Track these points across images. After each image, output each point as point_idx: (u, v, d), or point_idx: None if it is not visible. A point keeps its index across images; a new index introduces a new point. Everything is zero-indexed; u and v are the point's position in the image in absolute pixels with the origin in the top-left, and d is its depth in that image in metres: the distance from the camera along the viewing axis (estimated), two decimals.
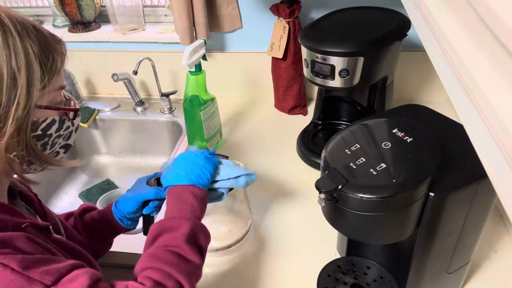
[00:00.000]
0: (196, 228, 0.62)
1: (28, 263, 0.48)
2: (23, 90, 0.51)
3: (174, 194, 0.66)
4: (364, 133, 0.65)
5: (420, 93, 1.32)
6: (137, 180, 0.79)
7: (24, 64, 0.51)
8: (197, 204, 0.65)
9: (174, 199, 0.66)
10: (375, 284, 0.74)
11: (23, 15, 0.56)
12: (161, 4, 1.42)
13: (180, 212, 0.64)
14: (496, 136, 0.21)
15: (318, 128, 1.18)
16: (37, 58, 0.53)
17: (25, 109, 0.51)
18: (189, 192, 0.66)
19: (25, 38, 0.52)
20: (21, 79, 0.51)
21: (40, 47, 0.54)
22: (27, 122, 0.53)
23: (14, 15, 0.53)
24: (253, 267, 0.83)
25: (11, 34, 0.51)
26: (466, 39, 0.26)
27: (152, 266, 0.56)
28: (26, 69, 0.51)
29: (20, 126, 0.52)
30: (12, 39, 0.51)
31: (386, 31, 0.92)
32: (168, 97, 1.35)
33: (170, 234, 0.60)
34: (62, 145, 0.63)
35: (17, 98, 0.51)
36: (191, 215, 0.63)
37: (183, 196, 0.65)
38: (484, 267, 0.79)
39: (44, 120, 0.57)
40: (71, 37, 1.41)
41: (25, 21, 0.54)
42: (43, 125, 0.57)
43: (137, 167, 1.42)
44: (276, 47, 1.20)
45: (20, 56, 0.51)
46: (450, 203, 0.57)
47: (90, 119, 1.37)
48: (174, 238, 0.60)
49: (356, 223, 0.61)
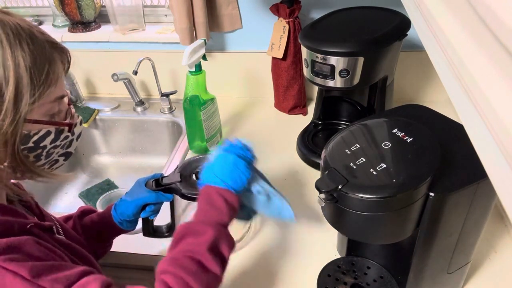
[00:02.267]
0: (220, 236, 0.59)
1: (38, 270, 0.48)
2: (9, 104, 0.49)
3: (205, 195, 0.63)
4: (364, 133, 0.65)
5: (420, 93, 1.32)
6: (136, 182, 0.78)
7: (13, 77, 0.49)
8: (226, 209, 0.61)
9: (205, 200, 0.63)
10: (375, 284, 0.74)
11: (23, 20, 0.53)
12: (161, 4, 1.42)
13: (207, 217, 0.61)
14: (496, 136, 0.21)
15: (318, 128, 1.18)
16: (28, 71, 0.50)
17: (11, 124, 0.50)
18: (220, 195, 0.62)
19: (16, 49, 0.50)
20: (9, 93, 0.49)
21: (34, 59, 0.51)
22: (15, 136, 0.51)
23: (10, 23, 0.51)
24: (253, 267, 0.83)
25: (1, 45, 0.49)
26: (466, 39, 0.26)
27: (171, 271, 0.54)
28: (14, 83, 0.49)
29: (7, 140, 0.50)
30: (2, 51, 0.49)
31: (386, 31, 0.92)
32: (168, 97, 1.35)
33: (194, 239, 0.58)
34: (61, 154, 0.61)
35: (3, 112, 0.49)
36: (217, 221, 0.60)
37: (214, 199, 0.62)
38: (484, 267, 0.79)
39: (37, 133, 0.55)
40: (71, 37, 1.41)
41: (21, 29, 0.51)
42: (35, 138, 0.55)
43: (137, 167, 1.42)
44: (276, 47, 1.20)
45: (9, 69, 0.49)
46: (450, 203, 0.57)
47: (90, 119, 1.37)
48: (197, 244, 0.57)
49: (356, 223, 0.61)
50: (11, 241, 0.49)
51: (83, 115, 1.35)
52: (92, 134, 1.42)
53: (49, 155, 0.59)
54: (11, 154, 0.52)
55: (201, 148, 1.15)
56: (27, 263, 0.48)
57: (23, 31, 0.51)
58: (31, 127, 0.54)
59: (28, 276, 0.46)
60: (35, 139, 0.55)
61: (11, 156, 0.52)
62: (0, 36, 0.49)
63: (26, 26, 0.53)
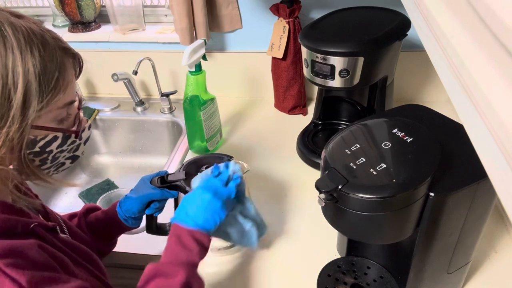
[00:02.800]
0: (192, 276, 0.59)
1: (37, 282, 0.47)
2: (17, 111, 0.48)
3: (176, 236, 0.62)
4: (364, 133, 0.65)
5: (420, 93, 1.32)
6: (141, 179, 0.79)
7: (22, 84, 0.48)
8: (197, 249, 0.61)
9: (175, 241, 0.62)
10: (375, 284, 0.74)
11: (36, 23, 0.52)
12: (161, 4, 1.42)
13: (178, 257, 0.60)
14: (496, 136, 0.21)
15: (318, 128, 1.18)
16: (37, 78, 0.50)
17: (18, 130, 0.49)
18: (191, 236, 0.61)
19: (27, 55, 0.49)
20: (17, 99, 0.48)
21: (44, 66, 0.51)
22: (21, 142, 0.50)
23: (22, 27, 0.50)
24: (253, 267, 0.83)
25: (12, 51, 0.48)
26: (466, 39, 0.26)
27: None
28: (23, 90, 0.48)
29: (13, 146, 0.50)
30: (13, 57, 0.48)
31: (386, 31, 0.92)
32: (168, 97, 1.35)
33: (165, 281, 0.58)
34: (68, 157, 0.61)
35: (10, 119, 0.48)
36: (188, 261, 0.60)
37: (184, 240, 0.61)
38: (484, 267, 0.79)
39: (43, 138, 0.55)
40: (71, 37, 1.41)
41: (33, 34, 0.50)
42: (41, 143, 0.55)
43: (137, 167, 1.42)
44: (276, 47, 1.20)
45: (18, 75, 0.48)
46: (450, 203, 0.57)
47: (90, 119, 1.37)
48: (169, 285, 0.57)
49: (356, 223, 0.61)
50: (14, 245, 0.49)
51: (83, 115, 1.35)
52: (92, 134, 1.42)
53: (55, 159, 0.58)
54: (17, 158, 0.51)
55: (201, 148, 1.15)
56: (27, 271, 0.47)
57: (35, 37, 0.50)
58: (37, 133, 0.54)
59: (26, 285, 0.46)
60: (41, 144, 0.55)
61: (16, 160, 0.52)
62: (11, 42, 0.48)
63: (38, 31, 0.52)
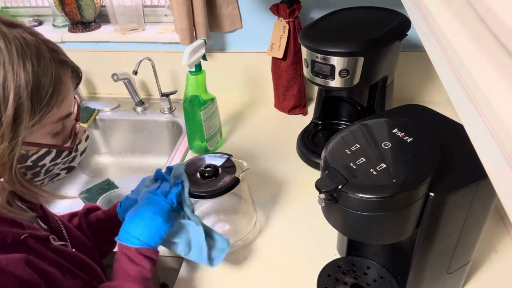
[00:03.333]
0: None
1: None
2: (7, 129, 0.46)
3: (124, 254, 0.64)
4: (364, 133, 0.65)
5: (420, 93, 1.32)
6: (141, 180, 0.79)
7: (12, 101, 0.45)
8: (148, 264, 0.64)
9: (124, 260, 0.64)
10: (375, 284, 0.74)
11: (32, 33, 0.49)
12: (161, 4, 1.42)
13: (131, 274, 0.62)
14: (496, 136, 0.21)
15: (318, 128, 1.18)
16: (29, 95, 0.47)
17: (9, 148, 0.47)
18: (139, 253, 0.64)
19: (19, 69, 0.46)
20: (7, 117, 0.45)
21: (37, 81, 0.47)
22: (12, 159, 0.48)
23: (16, 39, 0.46)
24: (254, 266, 0.83)
25: (4, 66, 0.45)
26: (466, 39, 0.26)
27: None
28: (13, 106, 0.45)
29: (4, 163, 0.48)
30: (3, 72, 0.45)
31: (386, 31, 0.92)
32: (168, 97, 1.35)
33: None
34: (63, 168, 0.59)
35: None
36: (141, 276, 0.62)
37: (133, 258, 0.64)
38: (484, 267, 0.79)
39: (36, 152, 0.53)
40: (71, 37, 1.41)
41: (27, 47, 0.47)
42: (33, 157, 0.53)
43: (137, 167, 1.42)
44: (276, 47, 1.20)
45: (9, 91, 0.45)
46: (450, 203, 0.57)
47: (90, 119, 1.37)
48: None
49: (356, 223, 0.61)
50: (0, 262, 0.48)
51: (83, 115, 1.35)
52: (92, 134, 1.42)
53: (48, 172, 0.57)
54: (8, 173, 0.50)
55: (201, 148, 1.15)
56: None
57: (28, 49, 0.47)
58: (30, 148, 0.52)
59: None
60: (34, 158, 0.53)
61: (8, 174, 0.50)
62: (3, 56, 0.45)
63: (34, 43, 0.48)
